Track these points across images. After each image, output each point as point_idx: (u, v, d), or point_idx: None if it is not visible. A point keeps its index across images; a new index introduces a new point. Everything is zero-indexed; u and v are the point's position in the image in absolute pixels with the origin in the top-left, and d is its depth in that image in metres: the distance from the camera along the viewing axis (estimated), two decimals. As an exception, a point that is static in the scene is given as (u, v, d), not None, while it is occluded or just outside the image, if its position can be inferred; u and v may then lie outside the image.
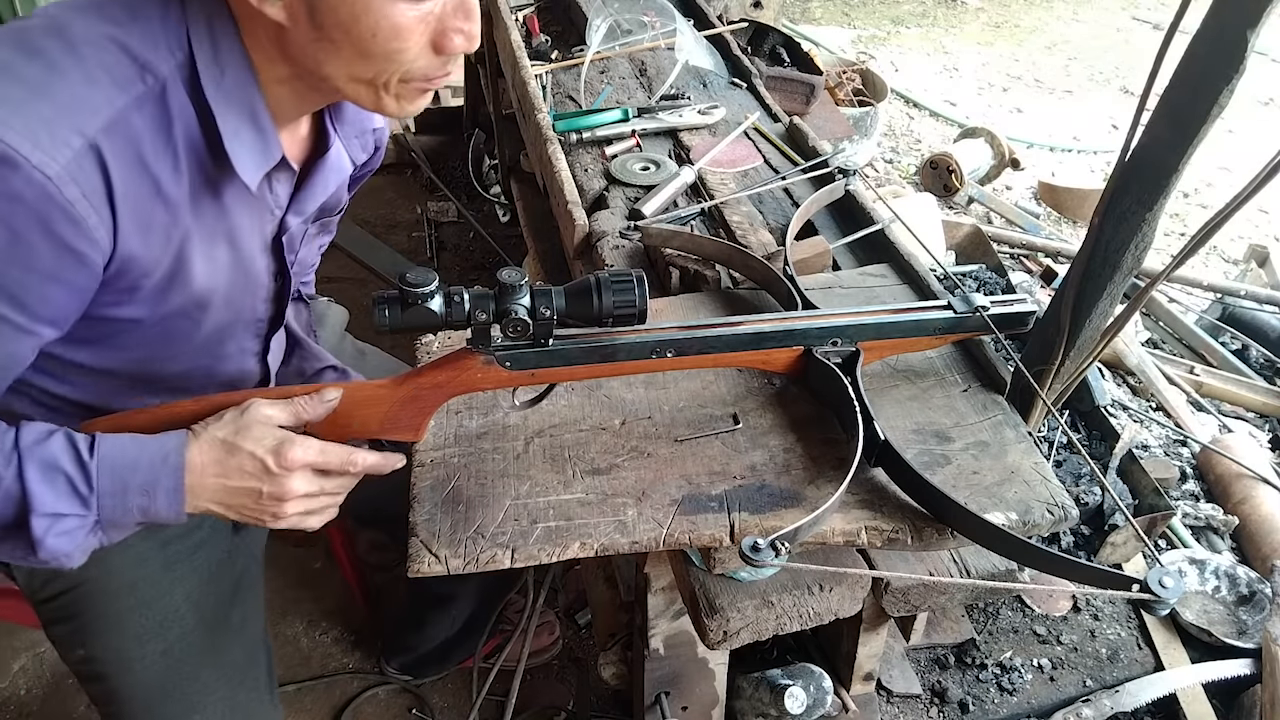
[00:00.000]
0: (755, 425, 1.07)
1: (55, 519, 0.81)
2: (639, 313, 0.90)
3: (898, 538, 0.95)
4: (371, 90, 0.85)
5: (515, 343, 0.93)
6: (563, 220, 1.56)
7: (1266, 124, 4.45)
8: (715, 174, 1.60)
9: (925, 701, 1.80)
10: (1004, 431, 1.07)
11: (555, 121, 1.74)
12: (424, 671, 1.86)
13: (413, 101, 0.88)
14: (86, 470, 0.82)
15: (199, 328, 0.96)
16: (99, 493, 0.83)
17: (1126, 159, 1.00)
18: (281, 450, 0.86)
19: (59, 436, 0.83)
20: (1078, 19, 5.75)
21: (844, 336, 1.04)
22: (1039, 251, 3.08)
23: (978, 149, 3.64)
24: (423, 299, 0.85)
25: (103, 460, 0.83)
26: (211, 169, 0.87)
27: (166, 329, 0.93)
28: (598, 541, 0.94)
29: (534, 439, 1.05)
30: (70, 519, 0.82)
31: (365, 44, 0.80)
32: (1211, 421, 2.41)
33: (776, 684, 1.35)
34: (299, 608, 2.00)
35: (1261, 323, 2.71)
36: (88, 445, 0.83)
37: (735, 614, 1.06)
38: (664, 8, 2.18)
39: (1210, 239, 0.97)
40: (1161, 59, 0.93)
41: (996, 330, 1.07)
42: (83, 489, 0.82)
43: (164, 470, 0.84)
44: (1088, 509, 2.02)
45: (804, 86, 2.42)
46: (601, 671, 1.52)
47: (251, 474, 0.86)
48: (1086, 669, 1.86)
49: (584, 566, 1.74)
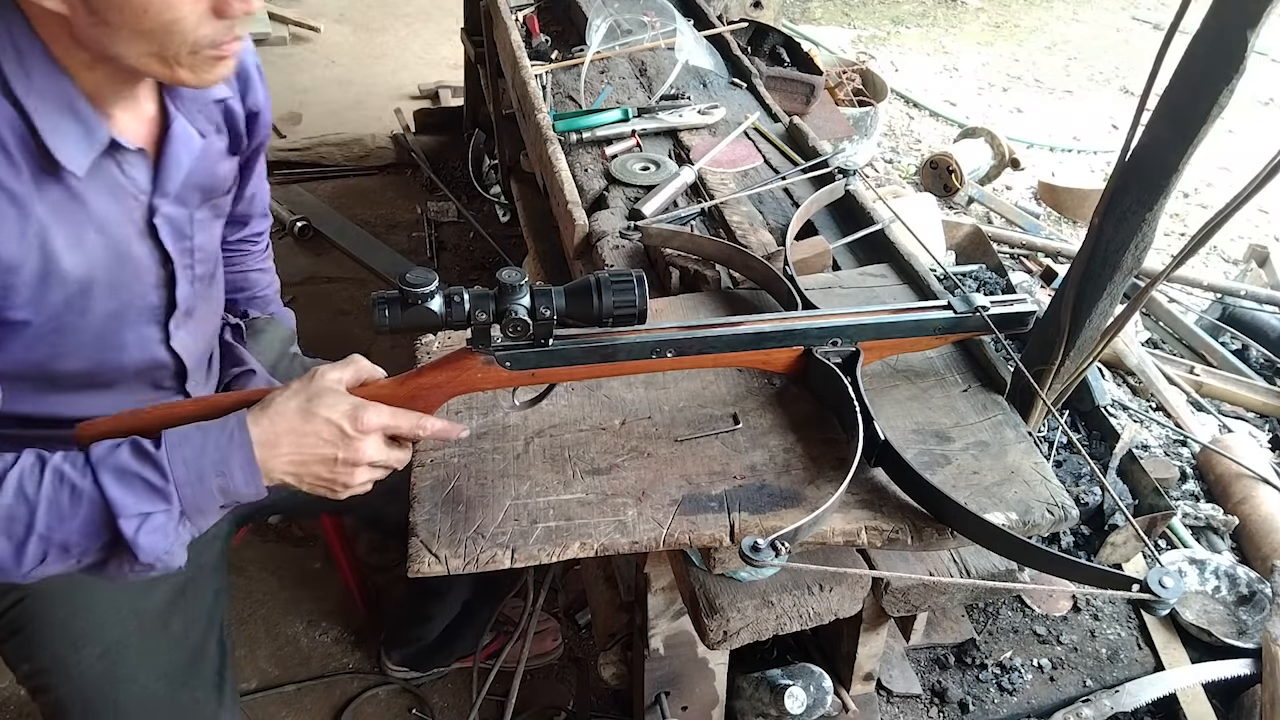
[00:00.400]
0: (755, 425, 1.07)
1: (142, 519, 0.84)
2: (639, 313, 0.90)
3: (898, 538, 0.95)
4: (164, 64, 0.86)
5: (515, 343, 0.93)
6: (563, 220, 1.56)
7: (1266, 124, 4.45)
8: (715, 174, 1.60)
9: (925, 701, 1.80)
10: (1004, 431, 1.07)
11: (555, 121, 1.74)
12: (426, 664, 1.85)
13: (210, 71, 0.90)
14: (159, 465, 0.84)
15: (88, 319, 0.98)
16: (176, 483, 0.85)
17: (1126, 159, 1.00)
18: (357, 415, 0.87)
19: (125, 445, 0.86)
20: (1078, 19, 5.75)
21: (844, 336, 1.04)
22: (1039, 251, 3.08)
23: (978, 149, 3.64)
24: (423, 299, 0.85)
25: (171, 451, 0.85)
26: (46, 161, 0.88)
27: (57, 324, 0.95)
28: (598, 541, 0.94)
29: (534, 439, 1.05)
30: (156, 516, 0.84)
31: (139, 20, 0.81)
32: (1211, 421, 2.41)
33: (776, 684, 1.35)
34: (299, 608, 2.00)
35: (1261, 323, 2.71)
36: (153, 443, 0.85)
37: (735, 614, 1.06)
38: (664, 8, 2.18)
39: (1210, 239, 0.97)
40: (1161, 59, 0.93)
41: (996, 330, 1.07)
42: (159, 483, 0.84)
43: (232, 447, 0.86)
44: (1088, 509, 2.02)
45: (804, 86, 2.42)
46: (601, 671, 1.52)
47: (328, 440, 0.87)
48: (1086, 669, 1.86)
49: (584, 566, 1.74)
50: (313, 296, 2.95)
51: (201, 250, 1.11)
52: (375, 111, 4.02)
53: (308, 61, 4.56)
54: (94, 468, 0.84)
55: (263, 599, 2.03)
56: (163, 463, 0.84)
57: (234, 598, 2.02)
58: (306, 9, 4.96)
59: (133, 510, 0.83)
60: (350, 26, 4.95)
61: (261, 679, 1.88)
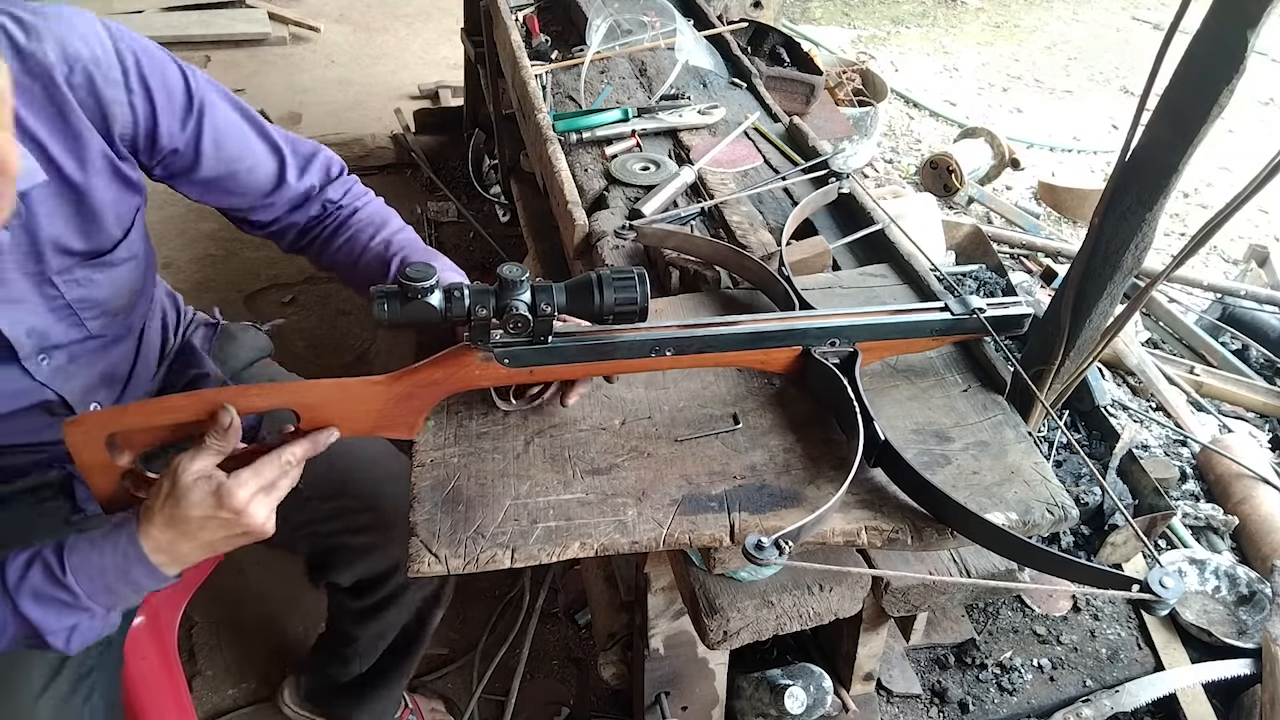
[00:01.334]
0: (755, 425, 1.07)
1: (70, 630, 0.91)
2: (640, 310, 0.90)
3: (898, 538, 0.95)
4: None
5: (514, 339, 0.93)
6: (563, 220, 1.56)
7: (1266, 124, 4.45)
8: (715, 174, 1.60)
9: (925, 701, 1.80)
10: (1004, 431, 1.07)
11: (555, 121, 1.74)
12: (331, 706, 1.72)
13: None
14: (69, 589, 0.90)
15: None
16: (89, 595, 0.90)
17: (1126, 159, 1.00)
18: (223, 500, 0.89)
19: (36, 567, 0.90)
20: (1078, 19, 5.75)
21: (842, 337, 1.04)
22: (1039, 251, 3.08)
23: (978, 149, 3.64)
24: (422, 294, 0.85)
25: (77, 573, 0.90)
26: None
27: None
28: (598, 541, 0.94)
29: (534, 439, 1.05)
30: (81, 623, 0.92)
31: None
32: (1211, 421, 2.41)
33: (776, 684, 1.35)
34: (299, 607, 2.00)
35: (1261, 323, 2.71)
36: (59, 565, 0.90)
37: (735, 614, 1.06)
38: (664, 8, 2.18)
39: (1210, 239, 0.97)
40: (1161, 59, 0.93)
41: (993, 332, 1.07)
42: (72, 601, 0.90)
43: (129, 563, 0.91)
44: (1088, 509, 2.02)
45: (804, 86, 2.42)
46: (601, 671, 1.52)
47: (212, 527, 0.91)
48: (1086, 669, 1.86)
49: (584, 566, 1.74)
50: (313, 296, 2.96)
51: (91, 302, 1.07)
52: (375, 111, 4.03)
53: (308, 61, 4.57)
54: (12, 597, 0.88)
55: (262, 599, 2.03)
56: (72, 586, 0.90)
57: (234, 598, 2.02)
58: (306, 9, 4.96)
59: (56, 626, 0.90)
60: (350, 26, 4.96)
61: (261, 679, 1.88)
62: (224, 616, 1.99)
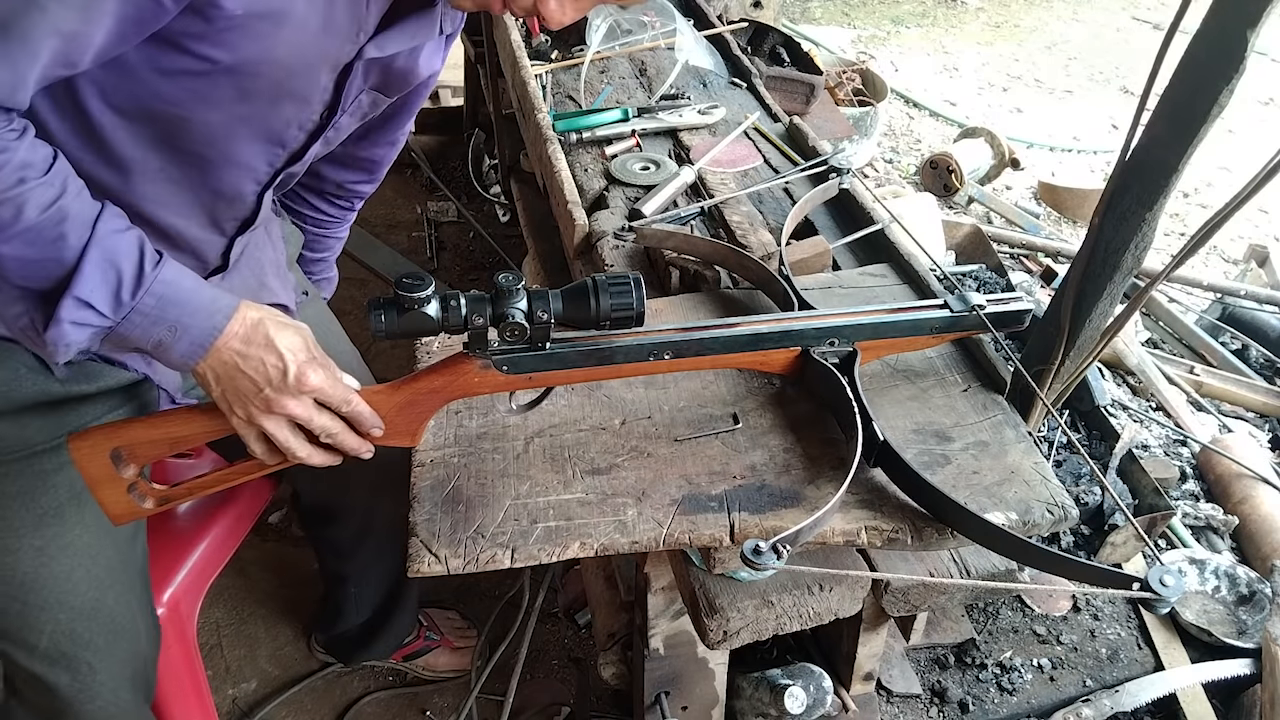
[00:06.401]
0: (755, 425, 1.07)
1: (83, 308, 0.82)
2: (636, 315, 0.90)
3: (898, 538, 0.95)
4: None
5: (512, 347, 0.93)
6: (563, 220, 1.56)
7: (1266, 124, 4.45)
8: (715, 174, 1.60)
9: (925, 701, 1.80)
10: (1004, 431, 1.07)
11: (555, 121, 1.74)
12: (349, 656, 1.84)
13: None
14: (141, 280, 0.83)
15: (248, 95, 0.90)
16: (134, 308, 0.83)
17: (1126, 159, 1.00)
18: (305, 368, 0.87)
19: (133, 235, 0.84)
20: (1078, 19, 5.75)
21: (841, 336, 1.04)
22: (1039, 251, 3.08)
23: (978, 149, 3.64)
24: (419, 304, 0.85)
25: (158, 282, 0.84)
26: None
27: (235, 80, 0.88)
28: (598, 541, 0.94)
29: (534, 439, 1.05)
30: (93, 313, 0.82)
31: None
32: (1211, 421, 2.41)
33: (776, 684, 1.35)
34: (299, 608, 2.00)
35: (1261, 323, 2.71)
36: (154, 260, 0.84)
37: (735, 614, 1.06)
38: (664, 8, 2.18)
39: (1210, 239, 0.97)
40: (1161, 59, 0.93)
41: (993, 328, 1.07)
42: (125, 295, 0.82)
43: (204, 322, 0.85)
44: (1088, 509, 2.02)
45: (804, 86, 2.42)
46: (601, 671, 1.52)
47: (266, 373, 0.87)
48: (1086, 669, 1.85)
49: (584, 566, 1.74)
50: (313, 296, 2.95)
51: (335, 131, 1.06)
52: (375, 112, 4.02)
53: (308, 61, 4.56)
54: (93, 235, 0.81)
55: (263, 599, 2.03)
56: (146, 280, 0.83)
57: (234, 598, 2.02)
58: (306, 9, 4.95)
59: (85, 294, 0.81)
60: (350, 26, 4.95)
61: (261, 679, 1.88)
62: (225, 617, 1.99)
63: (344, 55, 0.96)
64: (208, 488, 0.99)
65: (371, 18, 0.94)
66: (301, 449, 0.92)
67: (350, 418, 0.92)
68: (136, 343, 0.86)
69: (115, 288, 0.82)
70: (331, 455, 0.94)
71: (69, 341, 0.83)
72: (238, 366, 0.87)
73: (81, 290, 0.81)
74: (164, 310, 0.84)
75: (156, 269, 0.84)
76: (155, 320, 0.84)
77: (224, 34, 0.82)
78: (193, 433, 0.93)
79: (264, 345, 0.87)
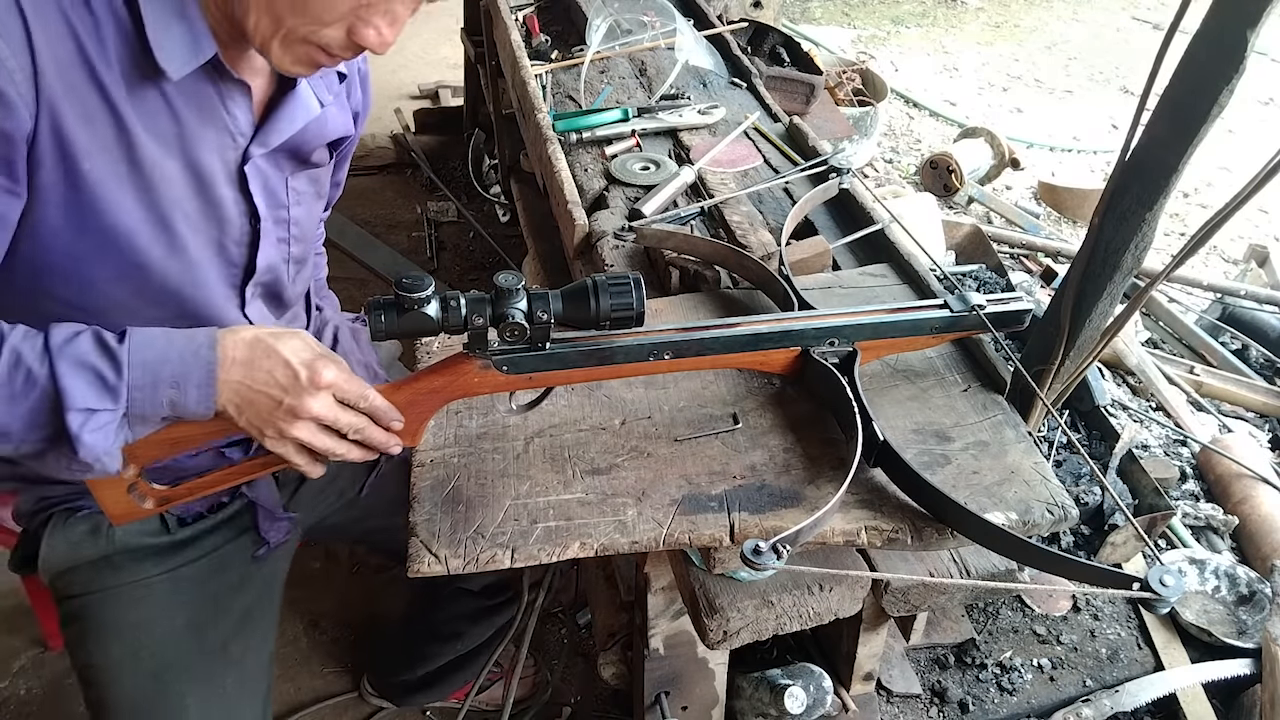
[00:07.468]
0: (755, 425, 1.07)
1: (89, 414, 0.82)
2: (636, 315, 0.90)
3: (898, 538, 0.95)
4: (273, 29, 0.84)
5: (512, 347, 0.93)
6: (563, 220, 1.56)
7: (1266, 124, 4.45)
8: (715, 174, 1.60)
9: (925, 701, 1.80)
10: (1004, 431, 1.07)
11: (555, 121, 1.74)
12: (403, 699, 1.80)
13: (297, 64, 0.88)
14: (116, 362, 0.83)
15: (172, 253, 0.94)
16: (129, 385, 0.83)
17: (1126, 159, 1.00)
18: (315, 365, 0.87)
19: (87, 334, 0.84)
20: (1078, 19, 5.75)
21: (841, 336, 1.04)
22: (1039, 251, 3.08)
23: (978, 149, 3.64)
24: (418, 304, 0.85)
25: (133, 352, 0.84)
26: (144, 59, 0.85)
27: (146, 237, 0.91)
28: (598, 541, 0.94)
29: (534, 439, 1.05)
30: (103, 414, 0.83)
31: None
32: (1211, 421, 2.41)
33: (776, 684, 1.35)
34: (299, 608, 2.00)
35: (1261, 323, 2.71)
36: (116, 338, 0.84)
37: (735, 614, 1.06)
38: (664, 8, 2.18)
39: (1210, 239, 0.97)
40: (1161, 59, 0.93)
41: (993, 328, 1.07)
42: (112, 380, 0.83)
43: (195, 363, 0.85)
44: (1088, 509, 2.02)
45: (804, 86, 2.42)
46: (601, 671, 1.52)
47: (279, 383, 0.86)
48: (1086, 669, 1.86)
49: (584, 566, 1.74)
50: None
51: (298, 226, 1.07)
52: (375, 111, 3.98)
53: (308, 61, 4.56)
54: (52, 356, 0.82)
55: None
56: (121, 360, 0.83)
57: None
58: (306, 9, 4.95)
59: (81, 404, 0.82)
60: (350, 26, 4.95)
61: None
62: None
63: (230, 163, 0.97)
64: (208, 488, 0.99)
65: (241, 118, 0.95)
66: (339, 445, 0.91)
67: (370, 412, 0.92)
68: (155, 413, 0.86)
69: (101, 381, 0.83)
70: (366, 451, 0.93)
71: (100, 449, 0.84)
72: (249, 387, 0.87)
73: (75, 402, 0.82)
74: (156, 372, 0.84)
75: (124, 343, 0.84)
76: (154, 384, 0.84)
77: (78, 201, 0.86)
78: (193, 434, 0.93)
79: (268, 356, 0.87)
